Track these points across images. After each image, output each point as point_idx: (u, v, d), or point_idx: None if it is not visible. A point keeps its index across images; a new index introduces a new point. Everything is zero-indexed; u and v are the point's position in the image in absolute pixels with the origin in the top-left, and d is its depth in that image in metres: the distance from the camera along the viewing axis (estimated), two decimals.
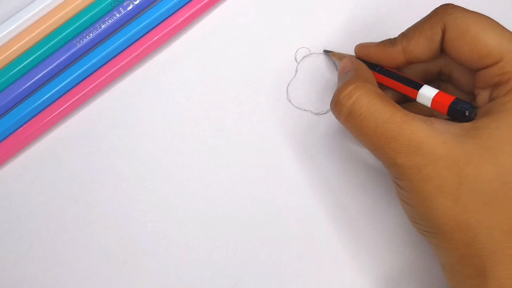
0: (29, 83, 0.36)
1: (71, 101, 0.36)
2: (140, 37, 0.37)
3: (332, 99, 0.31)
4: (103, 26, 0.37)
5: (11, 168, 0.36)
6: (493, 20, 0.29)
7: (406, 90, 0.31)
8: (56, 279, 0.34)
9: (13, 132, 0.36)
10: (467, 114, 0.28)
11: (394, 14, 0.39)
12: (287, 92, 0.38)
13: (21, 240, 0.35)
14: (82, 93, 0.36)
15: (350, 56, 0.34)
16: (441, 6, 0.30)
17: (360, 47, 0.34)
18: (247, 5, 0.39)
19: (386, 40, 0.32)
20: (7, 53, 0.36)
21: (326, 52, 0.38)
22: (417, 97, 0.30)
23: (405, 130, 0.27)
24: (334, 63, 0.38)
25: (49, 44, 0.37)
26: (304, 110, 0.37)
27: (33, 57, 0.37)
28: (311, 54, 0.38)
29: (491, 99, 0.28)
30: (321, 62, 0.38)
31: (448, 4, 0.30)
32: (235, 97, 0.37)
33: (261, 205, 0.35)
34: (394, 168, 0.28)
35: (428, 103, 0.30)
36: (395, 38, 0.31)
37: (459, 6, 0.29)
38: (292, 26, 0.39)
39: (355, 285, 0.34)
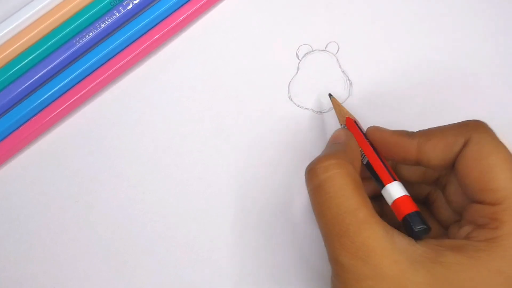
0: (28, 83, 0.36)
1: (71, 101, 0.36)
2: (140, 36, 0.37)
3: (310, 163, 0.28)
4: (102, 25, 0.37)
5: (11, 168, 0.37)
6: None
7: (381, 174, 0.29)
8: (56, 279, 0.34)
9: (13, 132, 0.36)
10: (415, 230, 0.27)
11: (395, 11, 0.38)
12: (288, 90, 0.37)
13: (21, 240, 0.35)
14: (82, 93, 0.36)
15: (345, 130, 0.32)
16: (474, 120, 0.28)
17: (374, 130, 0.31)
18: (248, 3, 0.39)
19: (404, 131, 0.30)
20: (6, 52, 0.37)
21: (330, 96, 0.36)
22: (382, 190, 0.29)
23: (362, 231, 0.25)
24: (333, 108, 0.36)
25: (49, 43, 0.37)
26: (306, 108, 0.37)
27: (33, 56, 0.37)
28: (313, 51, 0.38)
29: (467, 236, 0.26)
30: (324, 59, 0.38)
31: (483, 122, 0.28)
32: (235, 96, 0.37)
33: (261, 205, 0.35)
34: (335, 264, 0.26)
35: (389, 202, 0.28)
36: (413, 132, 0.29)
37: (491, 130, 0.27)
38: (294, 23, 0.39)
39: None
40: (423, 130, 0.29)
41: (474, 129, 0.27)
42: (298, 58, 0.38)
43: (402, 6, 0.38)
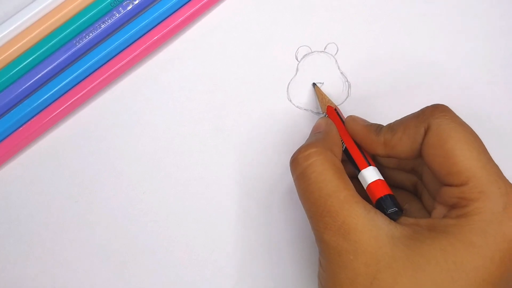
0: (29, 83, 0.36)
1: (71, 101, 0.36)
2: (140, 37, 0.38)
3: (292, 154, 0.30)
4: (102, 26, 0.37)
5: (11, 168, 0.37)
6: (477, 139, 0.27)
7: (357, 160, 0.30)
8: (56, 279, 0.34)
9: (13, 132, 0.36)
10: (387, 212, 0.28)
11: (394, 12, 0.39)
12: (287, 91, 0.37)
13: (21, 240, 0.35)
14: (82, 93, 0.36)
15: (326, 119, 0.33)
16: (431, 106, 0.29)
17: (350, 121, 0.32)
18: (247, 4, 0.39)
19: (374, 125, 0.31)
20: (7, 53, 0.37)
21: (314, 84, 0.37)
22: (358, 175, 0.30)
23: (343, 210, 0.26)
24: (317, 97, 0.37)
25: (49, 44, 0.37)
26: (305, 109, 0.37)
27: (33, 57, 0.37)
28: (312, 52, 0.38)
29: (444, 216, 0.27)
30: (323, 60, 0.38)
31: (439, 105, 0.28)
32: (235, 97, 0.37)
33: (261, 205, 0.35)
34: (320, 243, 0.27)
35: (364, 186, 0.29)
36: (381, 127, 0.30)
37: (450, 111, 0.28)
38: (293, 24, 0.39)
39: None
40: (389, 125, 0.30)
41: (431, 115, 0.28)
42: (297, 59, 0.38)
43: (401, 7, 0.39)
